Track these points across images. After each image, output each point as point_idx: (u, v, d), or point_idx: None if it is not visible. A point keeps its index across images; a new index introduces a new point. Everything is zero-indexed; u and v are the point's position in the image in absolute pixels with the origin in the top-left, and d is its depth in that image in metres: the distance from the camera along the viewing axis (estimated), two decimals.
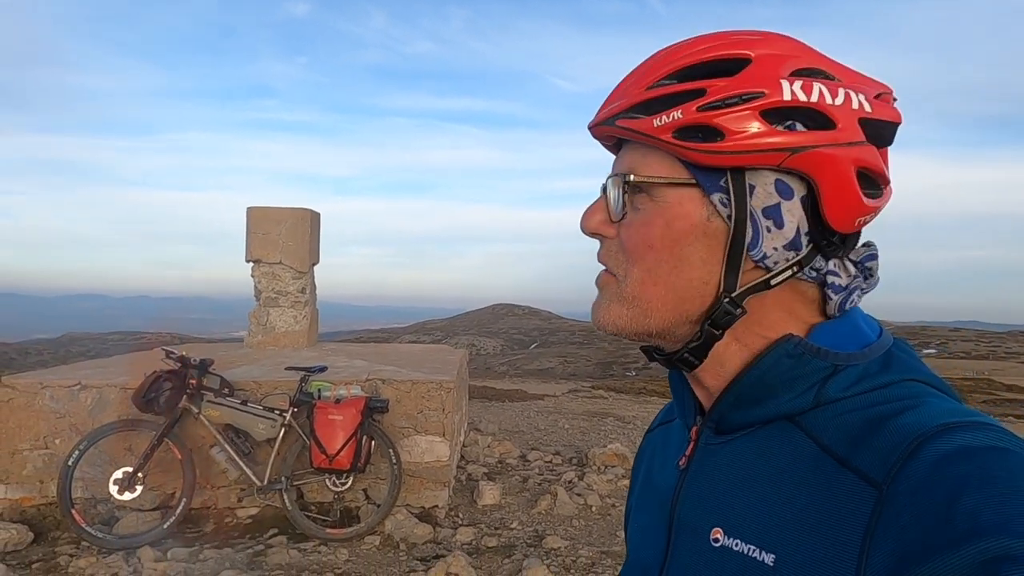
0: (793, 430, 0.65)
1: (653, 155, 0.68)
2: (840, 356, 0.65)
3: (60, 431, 5.24)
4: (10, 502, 5.15)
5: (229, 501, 5.34)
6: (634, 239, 0.69)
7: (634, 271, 0.69)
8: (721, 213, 0.66)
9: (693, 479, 0.73)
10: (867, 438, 0.59)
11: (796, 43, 0.67)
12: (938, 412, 0.59)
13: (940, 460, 0.54)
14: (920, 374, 0.66)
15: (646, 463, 0.89)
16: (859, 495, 0.57)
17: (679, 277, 0.68)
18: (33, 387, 5.27)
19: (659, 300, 0.68)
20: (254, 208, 6.87)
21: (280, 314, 6.93)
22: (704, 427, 0.73)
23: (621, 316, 0.70)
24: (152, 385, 4.86)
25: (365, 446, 4.98)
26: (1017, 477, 0.52)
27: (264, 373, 5.67)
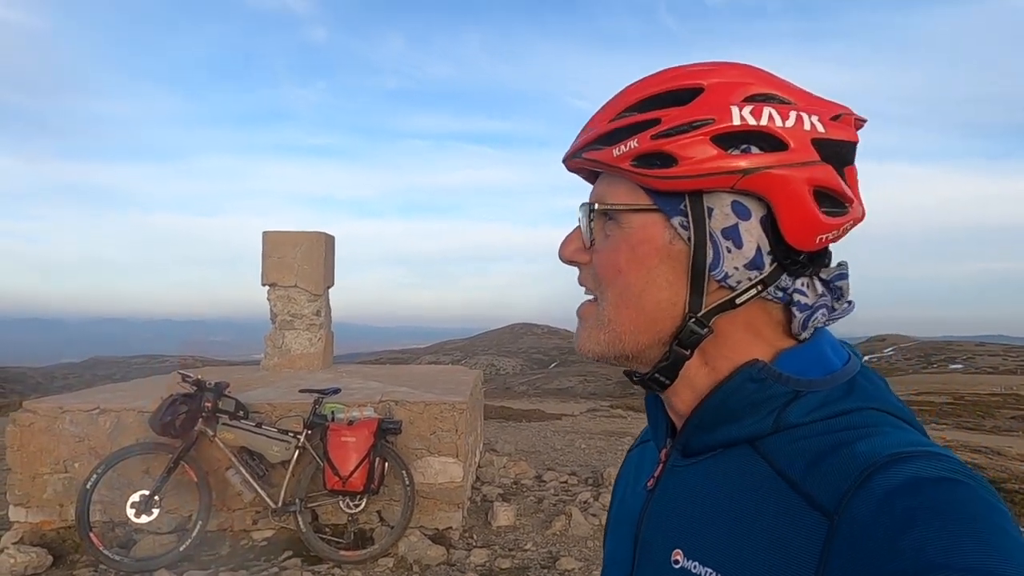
0: (752, 454, 0.66)
1: (618, 184, 0.72)
2: (802, 382, 0.67)
3: (80, 455, 5.31)
4: (31, 525, 5.22)
5: (244, 523, 5.38)
6: (604, 264, 0.72)
7: (608, 294, 0.72)
8: (682, 236, 0.68)
9: (658, 500, 0.75)
10: (821, 466, 0.60)
11: (751, 70, 0.69)
12: (892, 442, 0.59)
13: (890, 492, 0.54)
14: (881, 403, 0.66)
15: (623, 481, 0.91)
16: (812, 524, 0.58)
17: (647, 299, 0.70)
18: (53, 411, 5.36)
19: (630, 322, 0.71)
20: (269, 232, 6.96)
21: (295, 337, 7.00)
22: (672, 449, 0.75)
23: (599, 341, 0.73)
24: (168, 408, 4.93)
25: (378, 468, 5.00)
26: (965, 509, 0.52)
27: (279, 395, 5.72)
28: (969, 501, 0.53)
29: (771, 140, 0.66)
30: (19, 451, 5.28)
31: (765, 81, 0.69)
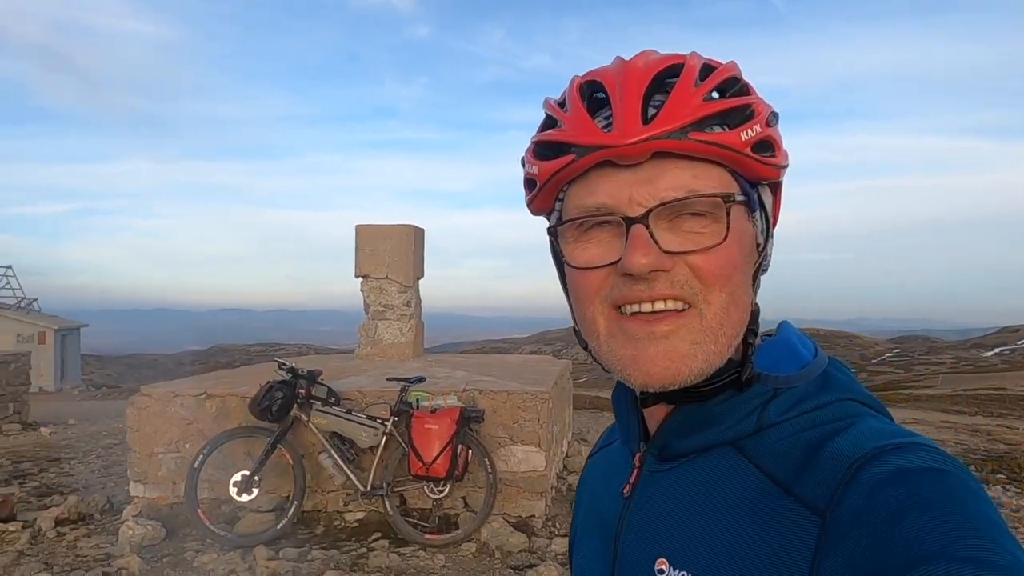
0: (736, 456, 0.65)
1: (710, 172, 0.64)
2: (780, 379, 0.67)
3: (189, 436, 5.72)
4: (148, 500, 5.67)
5: (337, 505, 5.64)
6: (720, 262, 0.63)
7: (719, 296, 0.63)
8: (758, 226, 0.68)
9: (637, 508, 0.72)
10: (808, 464, 0.59)
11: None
12: (874, 433, 0.59)
13: (878, 484, 0.54)
14: (856, 393, 0.66)
15: (589, 488, 0.87)
16: (803, 524, 0.57)
17: (747, 294, 0.66)
18: (166, 396, 5.78)
19: (738, 323, 0.65)
20: (362, 226, 7.23)
21: (387, 327, 7.24)
22: (648, 454, 0.72)
23: (709, 356, 0.63)
24: (266, 394, 5.22)
25: (461, 455, 5.12)
26: (953, 498, 0.52)
27: (368, 383, 5.95)
28: (956, 490, 0.52)
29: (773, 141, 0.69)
30: (137, 432, 5.74)
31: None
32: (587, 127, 0.64)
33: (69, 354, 25.84)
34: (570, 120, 0.66)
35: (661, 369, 0.63)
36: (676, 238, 0.63)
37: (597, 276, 0.65)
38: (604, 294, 0.65)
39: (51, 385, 22.67)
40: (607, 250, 0.65)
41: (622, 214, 0.63)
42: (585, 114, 0.65)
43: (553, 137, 0.67)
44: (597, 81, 0.67)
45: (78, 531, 5.49)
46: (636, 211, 0.63)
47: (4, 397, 12.02)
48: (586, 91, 0.68)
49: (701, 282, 0.63)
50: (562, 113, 0.68)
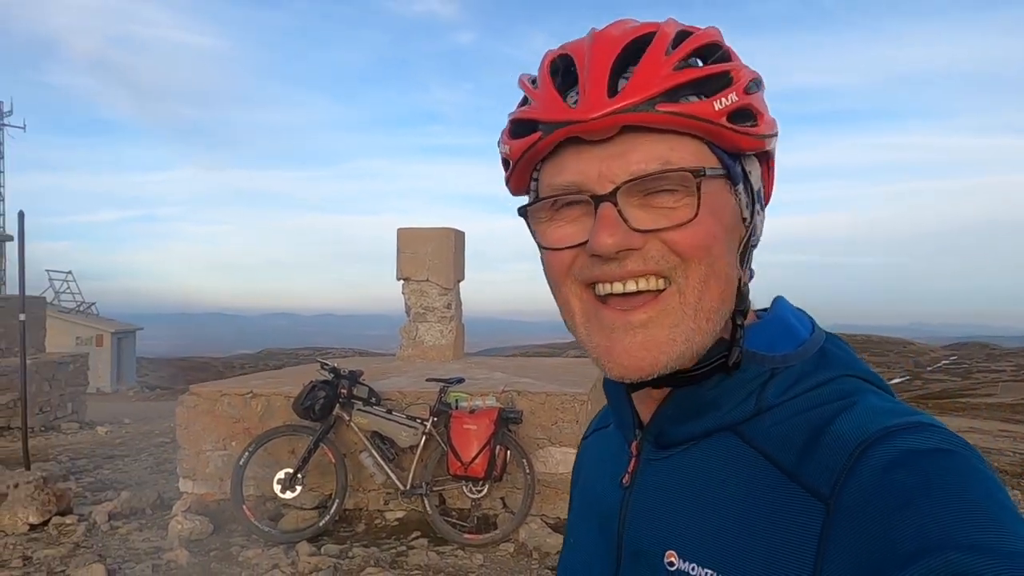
0: (736, 441, 0.63)
1: (685, 144, 0.61)
2: (776, 359, 0.64)
3: (236, 434, 5.87)
4: (196, 496, 5.84)
5: (378, 504, 5.72)
6: (697, 235, 0.60)
7: (698, 269, 0.61)
8: (742, 200, 0.64)
9: (639, 498, 0.69)
10: (811, 447, 0.57)
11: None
12: (877, 412, 0.57)
13: (884, 468, 0.52)
14: (855, 369, 0.64)
15: (584, 471, 0.84)
16: (808, 511, 0.55)
17: (732, 268, 0.63)
18: (214, 395, 5.95)
19: (719, 298, 0.62)
20: (403, 229, 7.34)
21: (428, 329, 7.33)
22: (644, 442, 0.70)
23: (689, 336, 0.61)
24: (309, 394, 5.33)
25: (499, 455, 5.15)
26: (962, 481, 0.50)
27: (408, 384, 6.03)
28: (964, 473, 0.51)
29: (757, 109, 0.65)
30: (186, 429, 5.92)
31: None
32: (554, 103, 0.62)
33: (125, 356, 26.69)
34: (539, 96, 0.64)
35: (637, 360, 0.61)
36: (647, 215, 0.60)
37: (568, 256, 0.63)
38: (576, 272, 0.63)
39: (107, 386, 23.45)
40: (578, 229, 0.62)
41: (590, 192, 0.61)
42: (552, 90, 0.63)
43: (523, 115, 0.65)
44: (568, 55, 0.64)
45: (130, 525, 5.69)
46: (605, 188, 0.60)
47: (63, 397, 12.49)
48: (559, 65, 0.65)
49: (678, 256, 0.60)
50: (532, 90, 0.66)
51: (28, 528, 5.59)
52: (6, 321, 11.67)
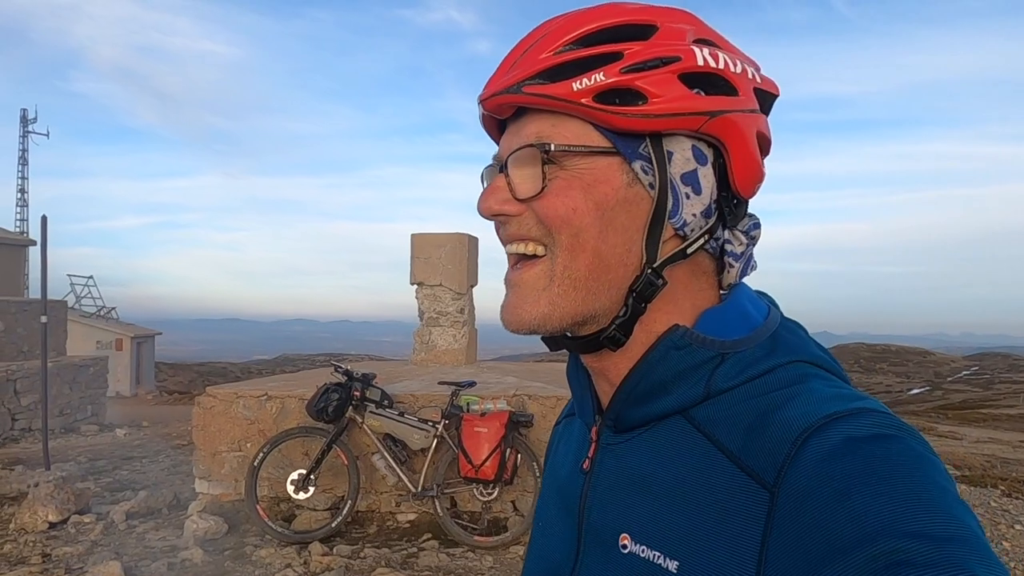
0: (686, 426, 0.63)
1: (565, 124, 0.64)
2: (726, 344, 0.64)
3: (251, 436, 5.95)
4: (211, 497, 5.92)
5: (390, 505, 5.77)
6: (556, 206, 0.64)
7: (561, 238, 0.64)
8: (642, 181, 0.64)
9: (597, 482, 0.70)
10: (756, 434, 0.58)
11: (690, 14, 0.68)
12: (822, 398, 0.58)
13: (825, 456, 0.53)
14: (806, 354, 0.65)
15: (552, 458, 0.86)
16: (753, 498, 0.56)
17: (604, 242, 0.64)
18: (230, 397, 6.04)
19: (587, 268, 0.64)
20: (417, 234, 7.41)
21: (441, 333, 7.39)
22: (603, 427, 0.71)
23: (552, 299, 0.64)
24: (322, 396, 5.40)
25: (510, 458, 5.19)
26: (901, 467, 0.51)
27: (421, 387, 6.08)
28: (904, 458, 0.51)
29: (724, 85, 0.65)
30: (202, 431, 6.01)
31: (704, 27, 0.68)
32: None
33: (144, 360, 27.01)
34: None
35: (509, 315, 0.67)
36: (527, 185, 0.65)
37: (496, 225, 0.70)
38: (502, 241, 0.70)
39: (127, 389, 23.73)
40: None
41: (501, 163, 0.68)
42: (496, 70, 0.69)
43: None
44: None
45: (147, 524, 5.78)
46: (503, 160, 0.67)
47: (84, 399, 12.68)
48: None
49: (546, 226, 0.64)
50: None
51: (47, 526, 5.69)
52: (29, 325, 11.87)
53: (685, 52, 0.63)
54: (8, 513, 6.18)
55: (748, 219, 0.70)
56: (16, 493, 6.79)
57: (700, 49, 0.64)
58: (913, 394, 54.30)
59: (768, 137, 0.69)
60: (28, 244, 13.97)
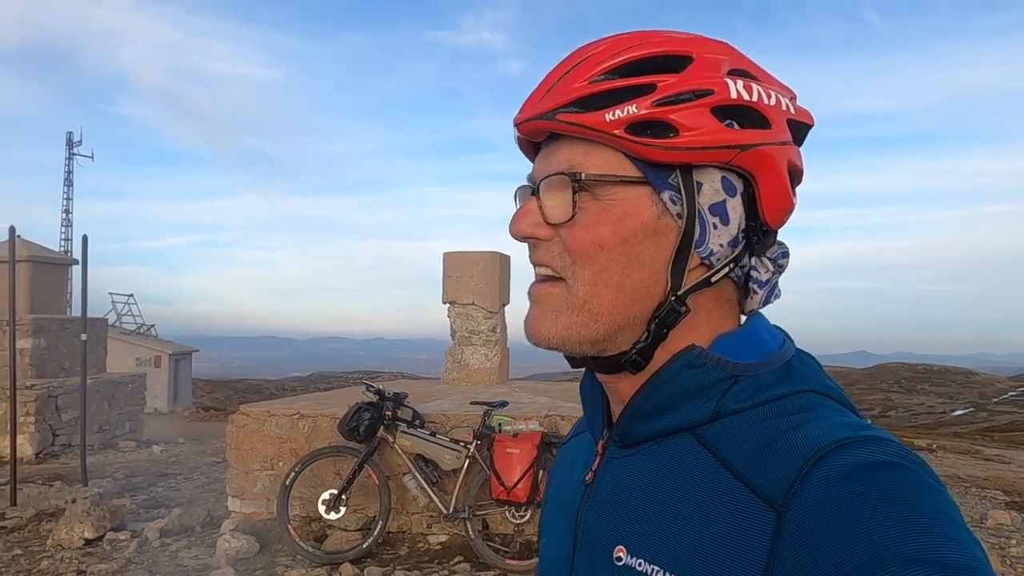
0: (693, 443, 0.64)
1: (598, 152, 0.65)
2: (739, 366, 0.65)
3: (283, 455, 5.95)
4: (243, 515, 5.92)
5: (421, 527, 5.72)
6: (583, 239, 0.65)
7: (584, 273, 0.65)
8: (671, 211, 0.65)
9: (597, 494, 0.71)
10: (766, 456, 0.59)
11: (726, 45, 0.69)
12: (831, 426, 0.58)
13: (834, 480, 0.53)
14: (818, 385, 0.65)
15: (556, 478, 0.87)
16: (760, 517, 0.56)
17: (629, 277, 0.65)
18: (263, 415, 6.06)
19: (610, 303, 0.65)
20: (450, 253, 7.40)
21: (473, 352, 7.35)
22: (610, 441, 0.72)
23: (571, 325, 0.66)
24: (354, 415, 5.38)
25: (542, 480, 5.10)
26: (909, 494, 0.51)
27: (453, 407, 6.04)
28: (911, 485, 0.52)
29: (757, 117, 0.65)
30: (235, 449, 6.03)
31: (740, 57, 0.68)
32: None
33: (181, 377, 27.42)
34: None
35: (530, 329, 0.69)
36: (557, 211, 0.66)
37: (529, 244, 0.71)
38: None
39: (164, 406, 24.08)
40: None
41: (533, 185, 0.69)
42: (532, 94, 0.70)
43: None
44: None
45: (180, 542, 5.80)
46: (537, 182, 0.68)
47: (122, 416, 12.87)
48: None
49: (570, 256, 0.66)
50: None
51: (83, 543, 5.74)
52: (70, 342, 12.12)
53: (719, 85, 0.64)
54: (46, 529, 6.26)
55: (777, 247, 0.71)
56: (54, 509, 6.88)
57: (734, 81, 0.65)
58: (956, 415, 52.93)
59: (800, 168, 0.69)
60: (71, 263, 14.31)
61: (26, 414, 10.58)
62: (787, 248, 0.72)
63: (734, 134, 0.64)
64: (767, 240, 0.69)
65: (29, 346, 11.63)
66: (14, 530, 6.38)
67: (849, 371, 70.31)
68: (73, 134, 35.80)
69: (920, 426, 33.63)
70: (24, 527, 6.47)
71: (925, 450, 13.70)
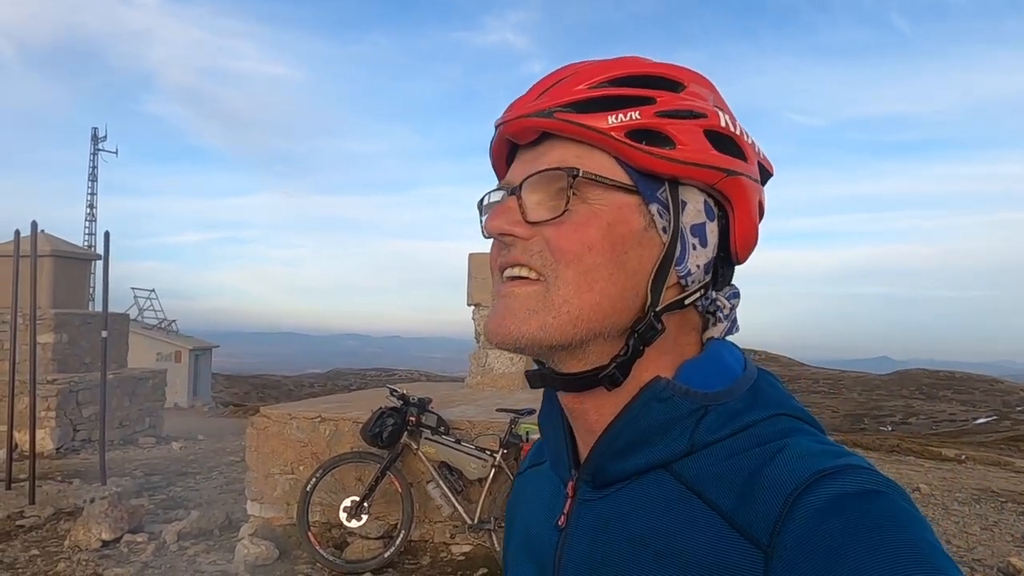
0: (671, 481, 0.63)
1: (591, 155, 0.64)
2: (708, 396, 0.64)
3: (303, 459, 5.83)
4: (263, 520, 5.80)
5: (444, 536, 5.56)
6: (570, 238, 0.63)
7: (567, 273, 0.63)
8: (657, 224, 0.65)
9: (574, 540, 0.68)
10: (747, 492, 0.58)
11: (710, 82, 0.70)
12: (809, 454, 0.59)
13: (817, 514, 0.54)
14: (787, 407, 0.66)
15: (522, 509, 0.83)
16: (747, 558, 0.56)
17: (614, 284, 0.64)
18: (284, 418, 5.93)
19: (590, 307, 0.63)
20: (475, 254, 7.25)
21: (498, 356, 7.19)
22: (580, 481, 0.70)
23: (545, 326, 0.63)
24: (377, 420, 5.24)
25: None
26: (890, 523, 0.52)
27: (478, 413, 5.88)
28: (892, 513, 0.53)
29: (738, 150, 0.67)
30: (255, 451, 5.91)
31: (719, 96, 0.70)
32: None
33: (201, 373, 27.49)
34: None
35: (497, 325, 0.65)
36: (540, 210, 0.64)
37: (496, 246, 0.68)
38: (493, 258, 0.68)
39: (184, 401, 24.15)
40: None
41: (511, 187, 0.66)
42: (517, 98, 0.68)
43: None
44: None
45: (198, 546, 5.69)
46: (517, 183, 0.66)
47: (142, 412, 12.86)
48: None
49: (552, 256, 0.63)
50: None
51: (101, 544, 5.65)
52: (92, 337, 12.12)
53: (710, 112, 0.66)
54: (64, 529, 6.17)
55: (729, 288, 0.71)
56: (72, 508, 6.80)
57: (722, 113, 0.67)
58: (979, 423, 52.05)
59: (764, 208, 0.72)
60: (94, 258, 14.34)
61: (47, 409, 10.57)
62: (738, 290, 0.72)
63: (723, 158, 0.66)
64: (728, 274, 0.70)
65: (51, 341, 11.64)
66: (32, 529, 6.31)
67: (870, 377, 69.50)
68: (98, 130, 36.11)
69: (943, 434, 33.05)
70: (42, 526, 6.39)
71: (954, 460, 13.36)
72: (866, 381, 65.67)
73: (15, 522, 6.48)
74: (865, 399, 51.71)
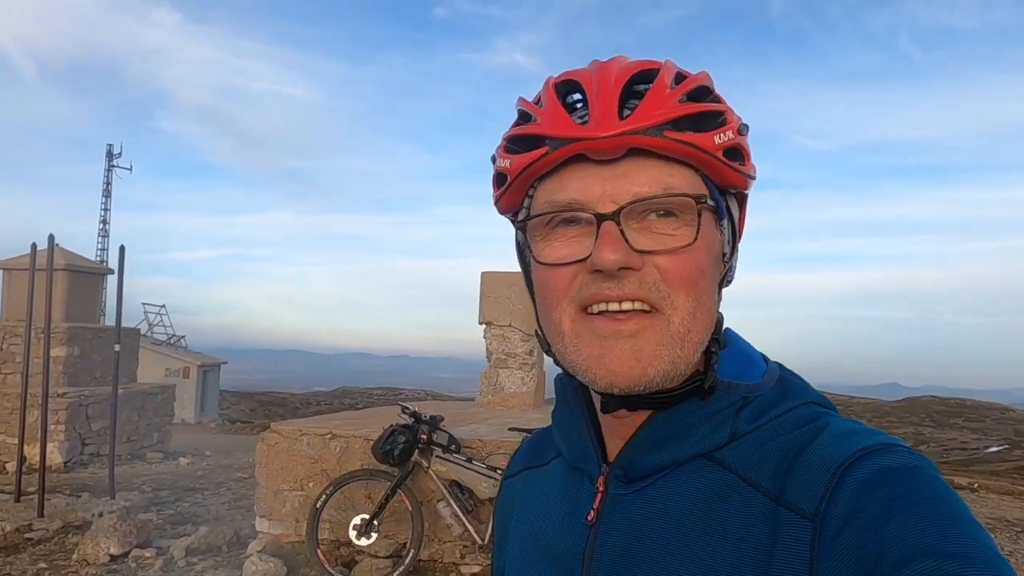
0: (715, 468, 0.64)
1: (682, 173, 0.64)
2: (745, 388, 0.67)
3: (313, 475, 5.80)
4: (271, 537, 5.76)
5: (454, 556, 5.51)
6: (688, 266, 0.62)
7: (685, 301, 0.62)
8: (724, 236, 0.68)
9: (609, 536, 0.68)
10: (791, 469, 0.60)
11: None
12: (849, 433, 0.61)
13: (864, 484, 0.56)
14: (814, 396, 0.69)
15: (517, 514, 0.82)
16: (796, 530, 0.58)
17: (713, 303, 0.66)
18: (294, 434, 5.91)
19: (705, 331, 0.65)
20: (488, 272, 7.25)
21: (509, 375, 7.17)
22: (611, 476, 0.70)
23: (675, 360, 0.62)
24: (388, 438, 5.21)
25: None
26: (933, 495, 0.55)
27: (489, 432, 5.85)
28: (934, 487, 0.55)
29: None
30: (265, 467, 5.89)
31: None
32: (563, 120, 0.64)
33: (209, 389, 27.51)
34: (545, 114, 0.65)
35: (627, 368, 0.61)
36: (646, 238, 0.62)
37: (566, 274, 0.64)
38: (572, 295, 0.64)
39: (192, 417, 24.14)
40: (576, 248, 0.63)
41: (593, 210, 0.62)
42: (561, 108, 0.65)
43: (528, 130, 0.66)
44: (573, 80, 0.66)
45: (206, 562, 5.66)
46: (608, 207, 0.62)
47: (150, 427, 12.86)
48: (561, 91, 0.67)
49: (668, 285, 0.62)
50: (537, 109, 0.67)
51: (109, 559, 5.63)
52: (103, 351, 12.16)
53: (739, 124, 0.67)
54: (72, 543, 6.16)
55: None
56: (81, 522, 6.79)
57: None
58: (991, 452, 51.44)
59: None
60: (107, 273, 14.43)
61: (56, 422, 10.59)
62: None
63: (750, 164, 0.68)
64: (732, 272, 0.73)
65: (63, 354, 11.68)
66: (40, 542, 6.30)
67: (880, 404, 68.93)
68: (113, 146, 36.48)
69: (954, 462, 32.66)
70: (50, 539, 6.38)
71: (967, 489, 13.19)
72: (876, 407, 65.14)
73: (24, 535, 6.47)
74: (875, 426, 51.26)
